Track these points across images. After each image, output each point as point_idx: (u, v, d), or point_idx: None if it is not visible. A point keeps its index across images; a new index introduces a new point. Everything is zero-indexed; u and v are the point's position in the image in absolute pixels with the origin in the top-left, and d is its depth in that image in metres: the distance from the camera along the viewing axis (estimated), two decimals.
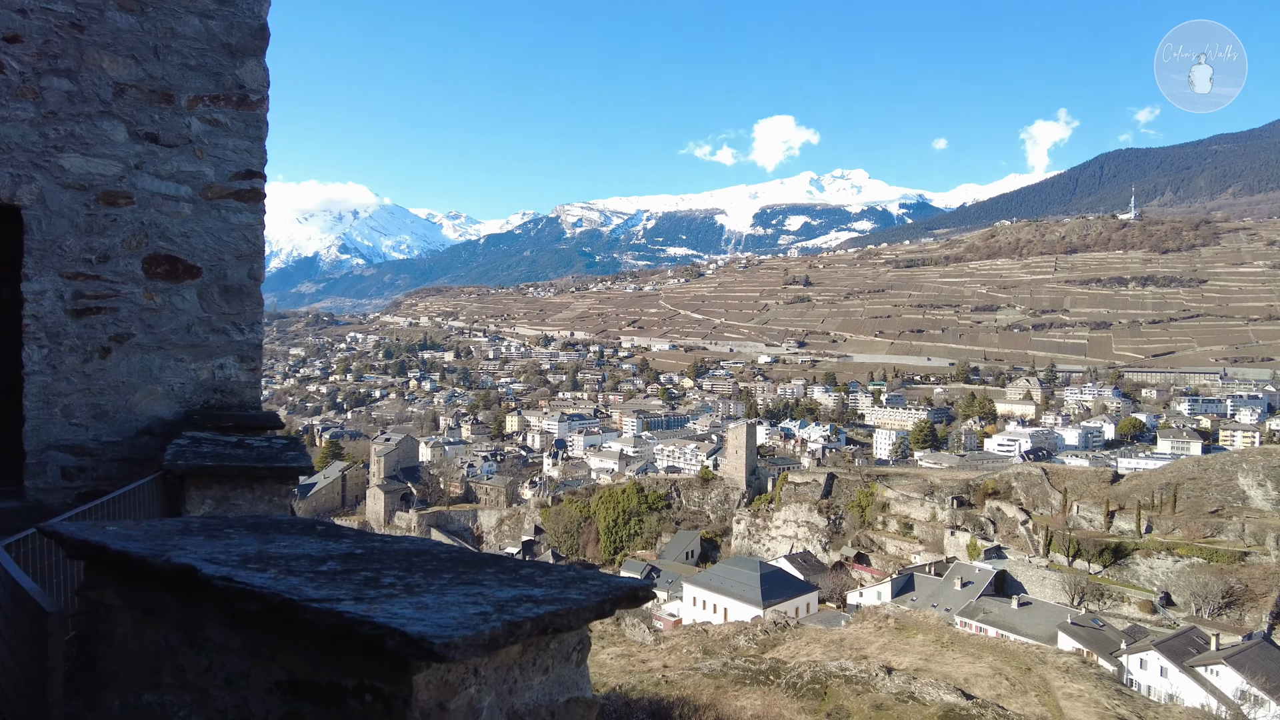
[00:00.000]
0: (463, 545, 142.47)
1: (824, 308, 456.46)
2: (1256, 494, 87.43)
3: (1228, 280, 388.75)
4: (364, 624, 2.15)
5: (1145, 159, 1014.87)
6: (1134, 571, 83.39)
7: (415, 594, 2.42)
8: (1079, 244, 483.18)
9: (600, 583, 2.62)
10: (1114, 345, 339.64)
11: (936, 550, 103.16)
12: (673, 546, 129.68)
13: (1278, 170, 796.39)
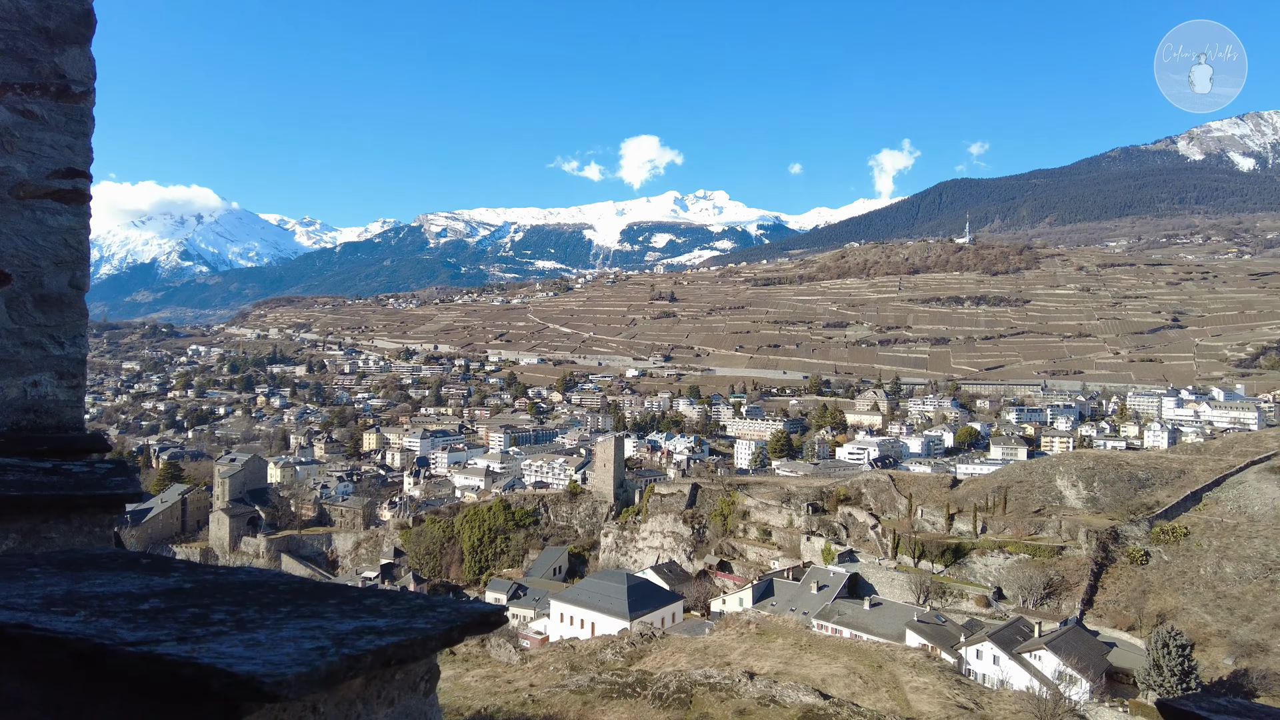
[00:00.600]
0: (315, 572, 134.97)
1: (688, 323, 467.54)
2: (1071, 494, 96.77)
3: (1046, 301, 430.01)
4: (186, 666, 1.98)
5: (978, 188, 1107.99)
6: (971, 569, 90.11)
7: (248, 630, 2.26)
8: (921, 265, 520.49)
9: (449, 610, 2.52)
10: (952, 359, 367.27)
11: (794, 555, 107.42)
12: (540, 563, 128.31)
13: (1085, 204, 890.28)
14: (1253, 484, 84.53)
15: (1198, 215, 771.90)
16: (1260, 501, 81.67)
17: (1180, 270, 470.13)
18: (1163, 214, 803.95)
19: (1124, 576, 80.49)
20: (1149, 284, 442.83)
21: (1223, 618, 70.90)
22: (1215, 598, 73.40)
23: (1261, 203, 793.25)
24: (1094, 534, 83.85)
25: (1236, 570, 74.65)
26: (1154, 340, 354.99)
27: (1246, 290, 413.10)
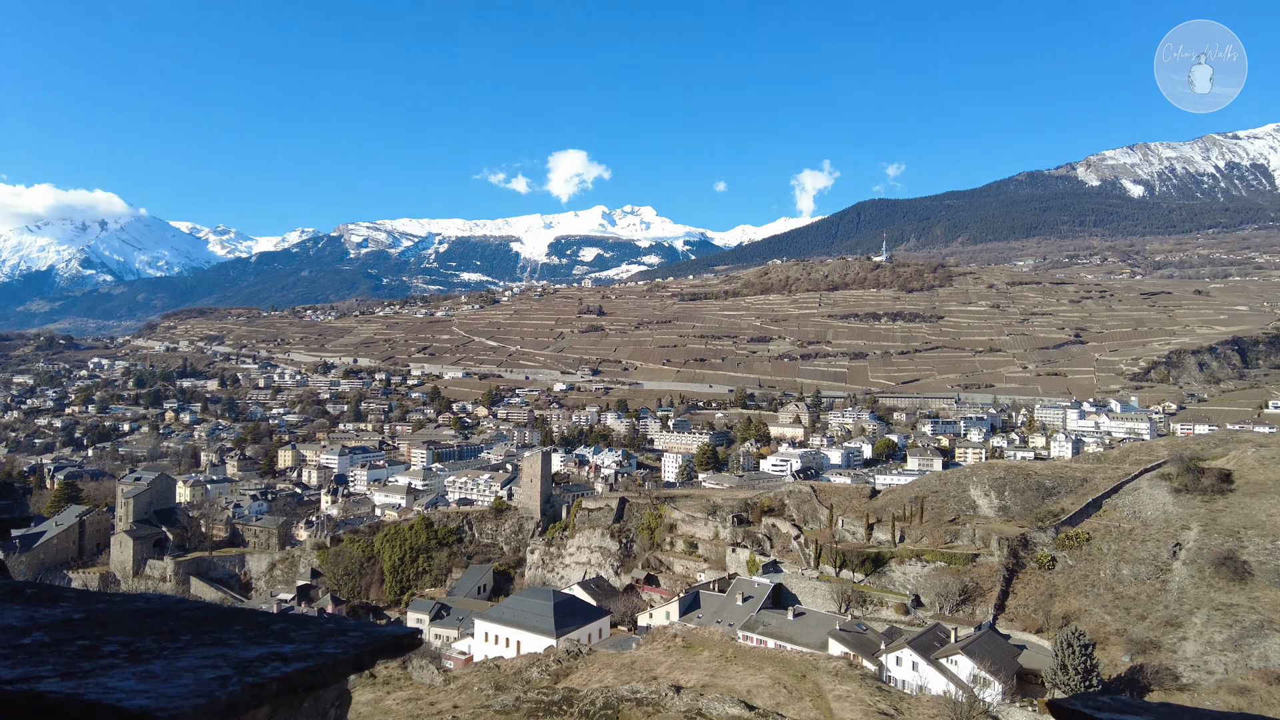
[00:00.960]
0: (227, 595, 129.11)
1: (616, 336, 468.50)
2: (984, 503, 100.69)
3: (959, 317, 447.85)
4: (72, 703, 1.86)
5: (894, 209, 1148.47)
6: (890, 578, 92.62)
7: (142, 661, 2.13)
8: (840, 282, 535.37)
9: (360, 633, 2.42)
10: (870, 373, 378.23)
11: (720, 567, 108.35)
12: (464, 582, 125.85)
13: (994, 225, 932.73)
14: (1146, 490, 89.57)
15: (1096, 237, 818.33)
16: (1152, 507, 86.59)
17: (1081, 289, 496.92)
18: (1065, 235, 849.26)
19: (1033, 581, 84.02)
20: (1053, 301, 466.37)
21: (1120, 617, 74.73)
22: (1114, 598, 77.33)
23: (1150, 227, 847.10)
24: (1005, 541, 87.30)
25: (1132, 572, 78.85)
26: (1058, 355, 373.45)
27: (1139, 309, 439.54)
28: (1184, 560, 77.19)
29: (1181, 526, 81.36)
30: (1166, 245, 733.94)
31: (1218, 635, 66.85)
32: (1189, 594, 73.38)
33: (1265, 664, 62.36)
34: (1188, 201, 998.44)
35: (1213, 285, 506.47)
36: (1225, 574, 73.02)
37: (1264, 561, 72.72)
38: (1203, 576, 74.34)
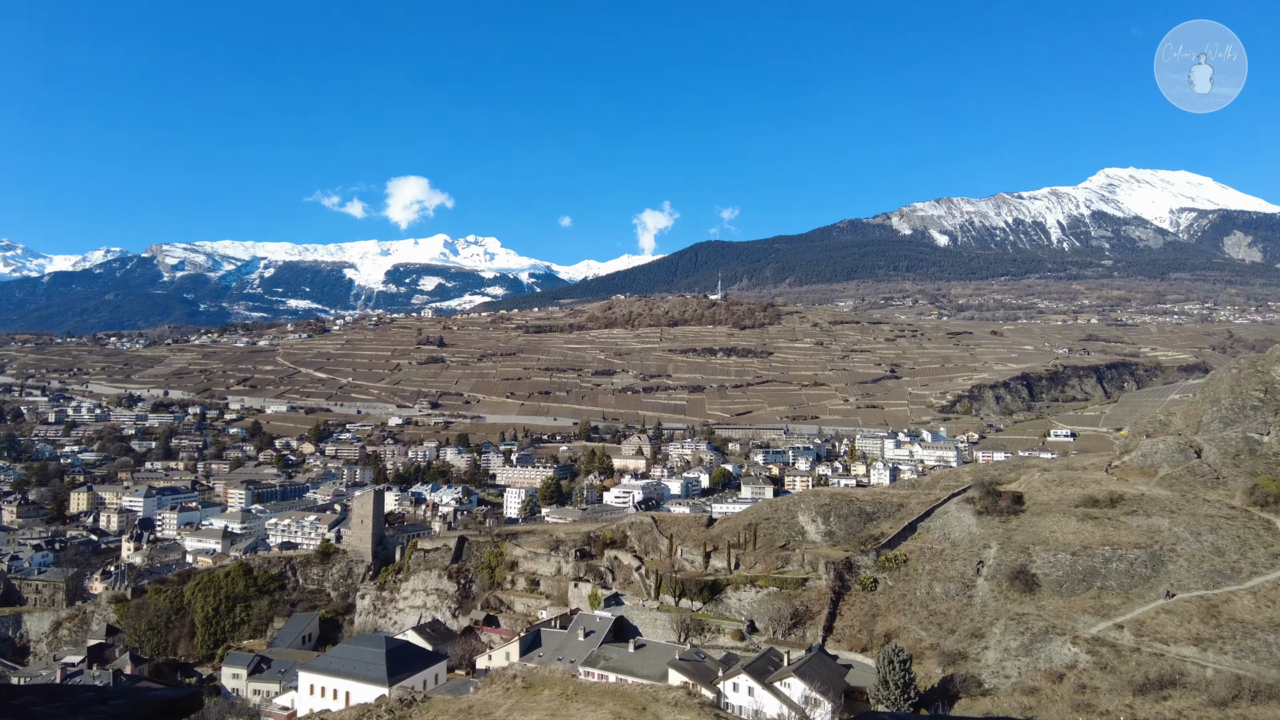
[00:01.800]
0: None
1: (458, 369, 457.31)
2: (812, 529, 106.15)
3: (787, 353, 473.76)
4: None
5: (728, 250, 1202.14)
6: (727, 604, 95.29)
7: None
8: (679, 318, 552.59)
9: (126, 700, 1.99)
10: (707, 405, 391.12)
11: (562, 603, 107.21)
12: (287, 632, 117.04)
13: (818, 268, 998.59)
14: (954, 513, 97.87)
15: (908, 281, 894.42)
16: (959, 528, 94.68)
17: (895, 328, 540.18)
18: (881, 279, 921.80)
19: (858, 602, 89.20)
20: (871, 339, 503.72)
21: (933, 631, 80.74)
22: (929, 615, 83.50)
23: (955, 273, 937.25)
24: (832, 565, 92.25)
25: (944, 589, 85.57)
26: (876, 389, 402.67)
27: (945, 347, 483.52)
28: (986, 576, 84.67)
29: (983, 545, 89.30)
30: (968, 290, 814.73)
31: (1013, 642, 73.55)
32: (990, 607, 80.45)
33: (1050, 665, 69.20)
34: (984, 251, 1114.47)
35: (1005, 327, 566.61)
36: (1019, 586, 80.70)
37: (1048, 573, 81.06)
38: (1001, 590, 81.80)
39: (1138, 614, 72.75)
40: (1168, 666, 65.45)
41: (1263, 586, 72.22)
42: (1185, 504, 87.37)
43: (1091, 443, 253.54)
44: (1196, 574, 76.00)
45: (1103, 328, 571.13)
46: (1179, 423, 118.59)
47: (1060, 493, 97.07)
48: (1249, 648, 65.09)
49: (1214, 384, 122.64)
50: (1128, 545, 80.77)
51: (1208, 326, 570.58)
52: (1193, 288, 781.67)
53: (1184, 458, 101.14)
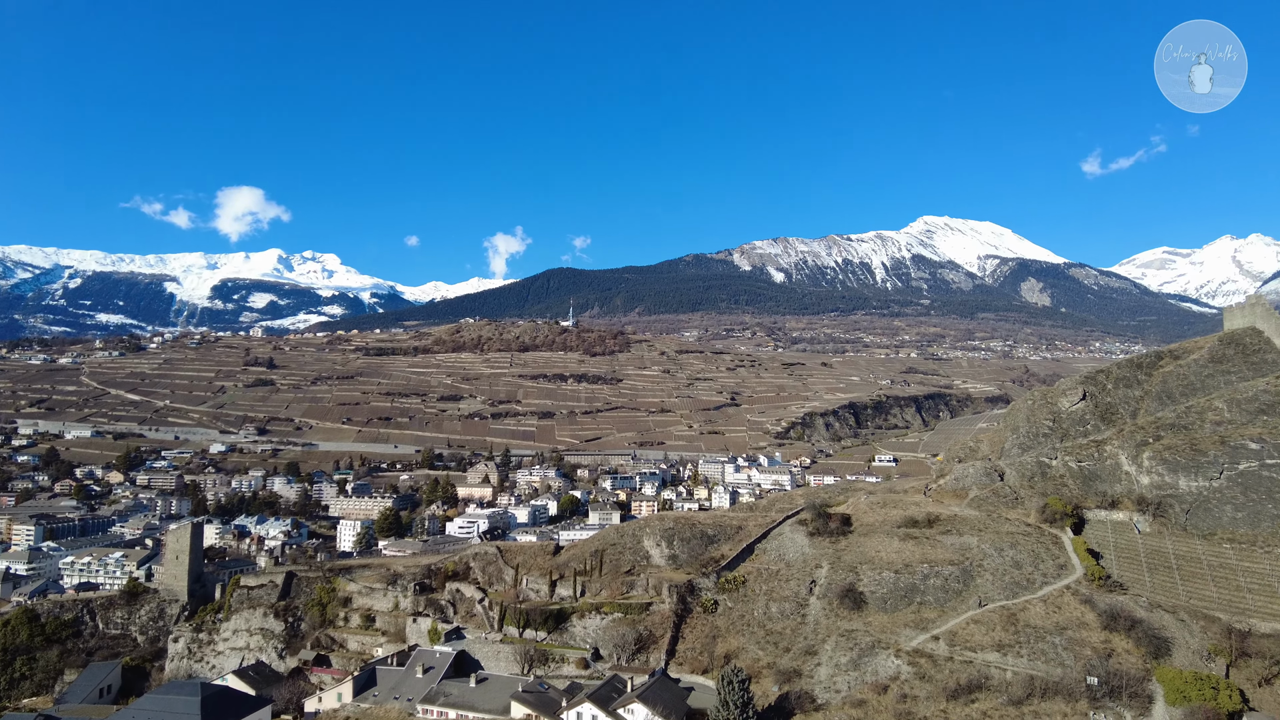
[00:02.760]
0: None
1: (289, 393, 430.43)
2: (656, 553, 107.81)
3: (636, 380, 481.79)
4: None
5: (580, 278, 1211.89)
6: (572, 633, 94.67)
7: None
8: (530, 343, 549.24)
9: None
10: (557, 431, 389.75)
11: (399, 640, 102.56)
12: (80, 685, 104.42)
13: (666, 299, 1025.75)
14: (788, 535, 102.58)
15: (748, 314, 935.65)
16: (793, 549, 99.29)
17: (736, 358, 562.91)
18: (724, 311, 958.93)
19: (699, 625, 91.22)
20: (714, 368, 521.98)
21: (770, 651, 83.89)
22: (766, 634, 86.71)
23: (789, 308, 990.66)
24: (675, 588, 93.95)
25: (779, 609, 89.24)
26: (718, 415, 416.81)
27: (781, 376, 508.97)
28: (818, 595, 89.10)
29: (816, 565, 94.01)
30: (801, 324, 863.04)
31: (843, 658, 77.68)
32: (822, 624, 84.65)
33: (876, 678, 73.65)
34: (817, 288, 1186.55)
35: (835, 359, 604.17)
36: (848, 604, 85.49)
37: (874, 590, 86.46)
38: (832, 608, 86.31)
39: (951, 625, 78.92)
40: (975, 672, 71.33)
41: (1051, 595, 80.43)
42: (990, 523, 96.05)
43: (912, 467, 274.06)
44: (999, 586, 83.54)
45: (921, 361, 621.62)
46: (985, 449, 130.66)
47: (884, 514, 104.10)
48: (1040, 650, 72.14)
49: (1013, 414, 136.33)
50: (943, 562, 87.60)
51: (1008, 362, 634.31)
52: (996, 327, 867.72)
53: (989, 480, 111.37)
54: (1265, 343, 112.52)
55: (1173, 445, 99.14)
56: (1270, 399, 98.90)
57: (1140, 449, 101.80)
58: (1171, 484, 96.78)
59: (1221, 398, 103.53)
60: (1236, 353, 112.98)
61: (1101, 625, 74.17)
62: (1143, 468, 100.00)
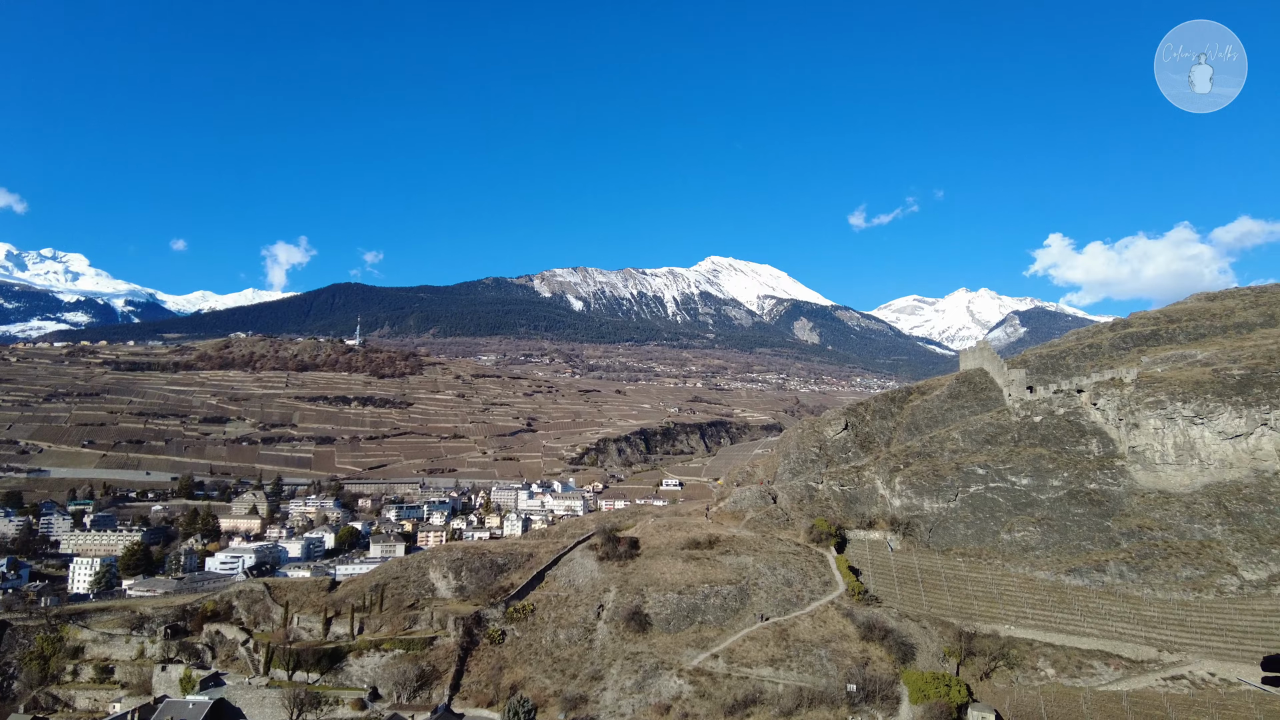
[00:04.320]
0: None
1: (12, 410, 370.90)
2: (443, 585, 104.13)
3: (428, 404, 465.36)
4: None
5: (370, 295, 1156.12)
6: (349, 673, 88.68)
7: None
8: (310, 363, 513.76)
9: None
10: (337, 459, 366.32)
11: (144, 691, 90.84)
12: None
13: (463, 321, 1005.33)
14: (578, 560, 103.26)
15: (546, 340, 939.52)
16: (583, 575, 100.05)
17: (533, 384, 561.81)
18: (522, 336, 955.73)
19: (485, 656, 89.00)
20: (510, 393, 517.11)
21: (557, 678, 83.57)
22: (553, 662, 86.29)
23: (587, 335, 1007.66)
24: (461, 621, 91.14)
25: (567, 635, 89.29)
26: (513, 441, 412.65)
27: (577, 403, 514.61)
28: (606, 619, 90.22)
29: (604, 590, 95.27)
30: (598, 351, 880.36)
31: (628, 681, 79.07)
32: (609, 648, 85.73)
33: (659, 699, 75.63)
34: (613, 318, 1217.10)
35: (628, 387, 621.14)
36: (634, 627, 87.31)
37: (659, 612, 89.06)
38: (619, 631, 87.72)
39: (730, 643, 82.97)
40: (751, 687, 75.38)
41: (818, 610, 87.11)
42: (765, 543, 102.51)
43: (695, 490, 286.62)
44: (773, 603, 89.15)
45: (706, 390, 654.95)
46: (761, 473, 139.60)
47: (670, 536, 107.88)
48: (808, 663, 77.71)
49: (785, 441, 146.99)
50: (722, 581, 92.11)
51: (782, 394, 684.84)
52: (772, 361, 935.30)
53: (764, 503, 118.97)
54: (990, 381, 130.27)
55: (919, 471, 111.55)
56: (993, 430, 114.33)
57: (893, 474, 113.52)
58: (918, 505, 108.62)
59: (957, 429, 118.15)
60: (969, 390, 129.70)
61: (860, 636, 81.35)
62: (895, 491, 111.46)
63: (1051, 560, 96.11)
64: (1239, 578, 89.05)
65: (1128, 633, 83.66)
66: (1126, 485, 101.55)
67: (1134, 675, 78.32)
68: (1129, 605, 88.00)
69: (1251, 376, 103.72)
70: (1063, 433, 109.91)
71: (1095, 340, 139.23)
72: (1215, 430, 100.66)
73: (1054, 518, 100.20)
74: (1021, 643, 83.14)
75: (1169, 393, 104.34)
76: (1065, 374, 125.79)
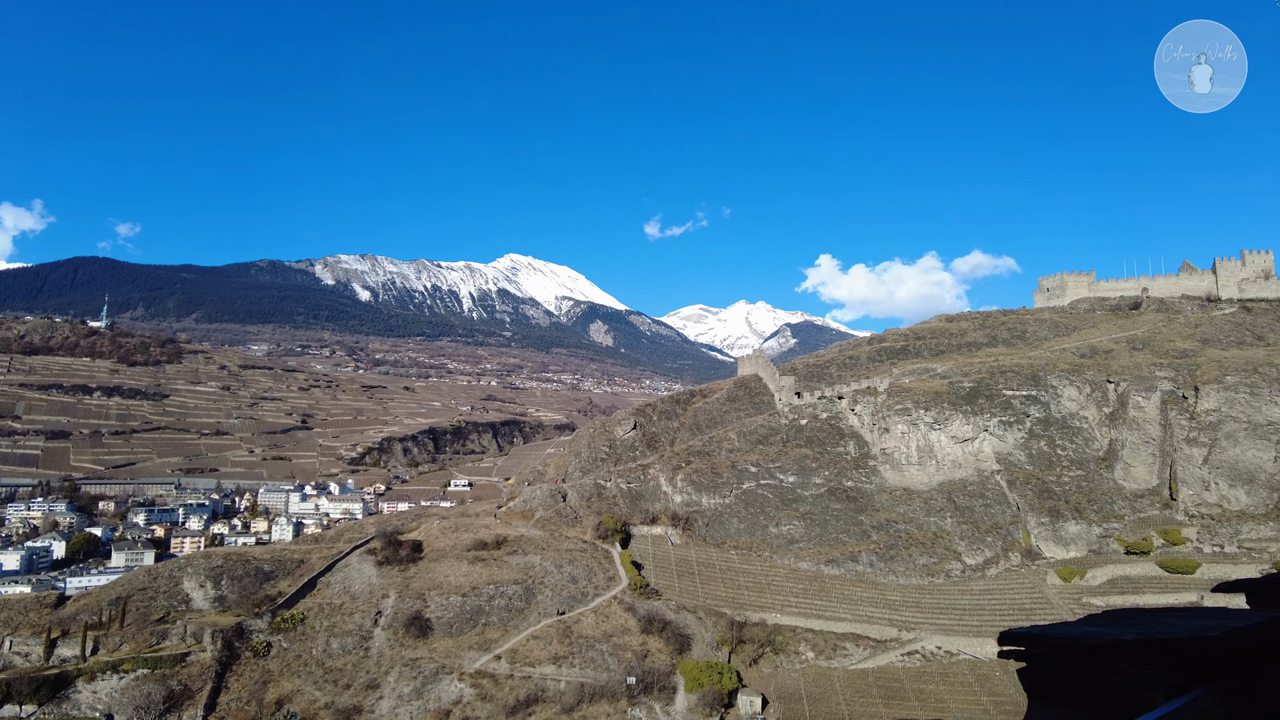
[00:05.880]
0: None
1: None
2: (199, 595, 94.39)
3: (187, 396, 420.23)
4: None
5: (122, 272, 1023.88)
6: (77, 701, 77.75)
7: None
8: (42, 345, 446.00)
9: None
10: (72, 456, 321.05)
11: None
12: None
13: (233, 306, 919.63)
14: (355, 566, 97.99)
15: (327, 331, 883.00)
16: (360, 580, 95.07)
17: (311, 378, 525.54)
18: (300, 326, 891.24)
19: (248, 671, 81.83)
20: (284, 387, 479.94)
21: (329, 690, 78.68)
22: (325, 673, 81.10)
23: (374, 328, 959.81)
24: (220, 634, 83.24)
25: (341, 644, 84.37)
26: (286, 439, 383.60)
27: (360, 399, 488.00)
28: (383, 626, 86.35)
29: (382, 595, 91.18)
30: (385, 346, 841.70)
31: (406, 688, 76.22)
32: (386, 656, 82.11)
33: (439, 704, 73.64)
34: (404, 311, 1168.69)
35: (418, 383, 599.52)
36: (414, 632, 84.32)
37: (441, 616, 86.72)
38: (397, 638, 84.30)
39: (513, 643, 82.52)
40: (534, 686, 75.45)
41: (601, 605, 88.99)
42: (553, 541, 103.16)
43: (486, 490, 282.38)
44: (558, 600, 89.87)
45: (500, 389, 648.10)
46: (552, 472, 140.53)
47: (455, 538, 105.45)
48: (590, 658, 79.15)
49: (577, 440, 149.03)
50: (508, 582, 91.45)
51: (576, 394, 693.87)
52: (568, 361, 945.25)
53: (554, 501, 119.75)
54: (764, 386, 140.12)
55: (699, 469, 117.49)
56: (765, 432, 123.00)
57: (675, 472, 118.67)
58: (697, 501, 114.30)
59: (734, 430, 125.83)
60: (745, 394, 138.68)
61: (641, 629, 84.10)
62: (677, 488, 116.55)
63: (813, 552, 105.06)
64: (963, 563, 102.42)
65: (875, 616, 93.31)
66: (877, 483, 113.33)
67: (879, 654, 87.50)
68: (877, 591, 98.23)
69: (978, 389, 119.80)
70: (825, 435, 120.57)
71: (855, 353, 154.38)
72: (949, 435, 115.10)
73: (816, 513, 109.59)
74: (786, 629, 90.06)
75: (914, 401, 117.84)
76: (829, 382, 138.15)
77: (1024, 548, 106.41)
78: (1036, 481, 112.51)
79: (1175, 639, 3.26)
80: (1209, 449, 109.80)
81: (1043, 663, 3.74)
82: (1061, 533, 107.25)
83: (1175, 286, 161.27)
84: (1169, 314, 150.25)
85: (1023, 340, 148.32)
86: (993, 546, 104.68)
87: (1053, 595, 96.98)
